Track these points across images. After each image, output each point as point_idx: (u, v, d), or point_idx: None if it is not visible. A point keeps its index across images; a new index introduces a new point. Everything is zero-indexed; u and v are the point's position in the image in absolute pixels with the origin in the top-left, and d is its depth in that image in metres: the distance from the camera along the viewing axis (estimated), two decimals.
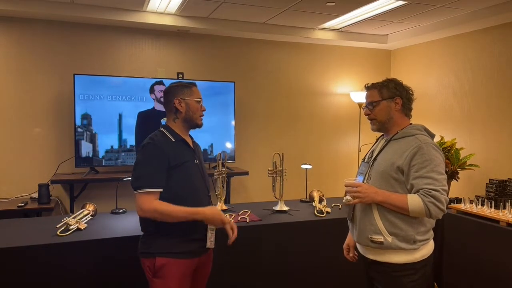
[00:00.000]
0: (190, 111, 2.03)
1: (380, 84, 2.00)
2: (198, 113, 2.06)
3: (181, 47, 4.67)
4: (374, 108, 1.98)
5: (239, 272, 2.67)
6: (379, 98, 1.96)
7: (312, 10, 4.07)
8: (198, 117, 2.06)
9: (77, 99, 4.04)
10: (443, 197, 1.77)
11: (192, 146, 2.10)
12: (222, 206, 3.01)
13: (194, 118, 2.05)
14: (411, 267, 1.85)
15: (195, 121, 2.06)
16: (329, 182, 5.28)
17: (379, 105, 1.96)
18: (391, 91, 1.95)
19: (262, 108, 5.05)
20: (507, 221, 2.83)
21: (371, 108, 1.99)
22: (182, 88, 2.06)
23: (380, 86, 1.99)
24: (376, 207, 1.87)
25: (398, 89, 1.96)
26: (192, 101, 2.04)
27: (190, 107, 2.03)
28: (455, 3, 3.75)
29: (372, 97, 2.00)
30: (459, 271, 3.16)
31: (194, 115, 2.05)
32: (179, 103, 2.02)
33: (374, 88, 2.00)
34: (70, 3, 3.89)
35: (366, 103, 2.04)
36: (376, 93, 1.98)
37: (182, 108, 2.02)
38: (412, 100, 2.01)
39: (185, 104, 2.02)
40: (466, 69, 4.49)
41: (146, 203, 1.83)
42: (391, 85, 1.97)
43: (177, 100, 2.03)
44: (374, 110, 1.98)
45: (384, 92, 1.96)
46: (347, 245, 2.21)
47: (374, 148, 2.07)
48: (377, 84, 2.01)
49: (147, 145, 1.95)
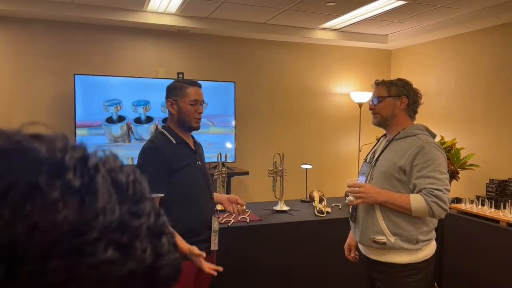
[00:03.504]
0: (182, 114, 1.95)
1: (390, 82, 2.02)
2: (192, 115, 1.96)
3: (181, 47, 4.67)
4: (379, 103, 1.99)
5: (239, 272, 2.67)
6: (386, 94, 1.98)
7: (312, 10, 4.07)
8: (192, 120, 1.96)
9: (77, 99, 4.04)
10: (445, 197, 1.77)
11: (194, 147, 2.06)
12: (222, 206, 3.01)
13: (187, 121, 1.96)
14: (413, 267, 1.86)
15: (188, 123, 1.97)
16: (329, 182, 5.28)
17: (385, 101, 1.97)
18: (399, 90, 1.97)
19: (262, 108, 5.05)
20: (508, 221, 2.83)
21: (376, 102, 2.00)
22: (175, 89, 1.98)
23: (389, 83, 2.01)
24: (379, 208, 1.87)
25: (406, 89, 1.98)
26: (184, 104, 1.94)
27: (182, 110, 1.95)
28: (455, 3, 3.75)
29: (379, 93, 2.01)
30: (459, 271, 3.16)
31: (187, 118, 1.95)
32: (171, 105, 1.96)
33: (383, 85, 2.02)
34: (70, 3, 3.89)
35: (372, 98, 2.05)
36: (384, 89, 2.00)
37: (173, 110, 1.96)
38: (419, 104, 2.02)
39: (176, 106, 1.95)
40: (467, 69, 4.48)
41: None
42: (400, 84, 1.99)
43: (169, 102, 1.97)
44: (379, 105, 1.99)
45: (392, 89, 1.98)
46: (348, 245, 2.21)
47: (376, 149, 2.07)
48: (387, 81, 2.03)
49: (147, 148, 1.91)
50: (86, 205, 0.30)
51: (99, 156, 0.34)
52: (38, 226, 0.28)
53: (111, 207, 0.31)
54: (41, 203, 0.29)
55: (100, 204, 0.31)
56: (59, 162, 0.31)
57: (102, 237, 0.30)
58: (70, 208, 0.30)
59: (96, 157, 0.34)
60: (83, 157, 0.32)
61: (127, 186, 0.34)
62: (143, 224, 0.33)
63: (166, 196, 1.88)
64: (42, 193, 0.29)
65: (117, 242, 0.31)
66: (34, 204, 0.29)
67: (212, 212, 2.07)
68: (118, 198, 0.32)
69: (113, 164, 0.34)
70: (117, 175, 0.34)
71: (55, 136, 0.34)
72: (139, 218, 0.33)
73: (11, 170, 0.29)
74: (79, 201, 0.30)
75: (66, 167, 0.31)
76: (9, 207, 0.28)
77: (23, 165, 0.30)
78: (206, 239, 1.99)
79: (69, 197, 0.30)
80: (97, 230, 0.30)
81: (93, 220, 0.30)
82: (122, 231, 0.31)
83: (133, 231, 0.32)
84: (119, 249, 0.31)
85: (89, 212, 0.30)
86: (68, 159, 0.31)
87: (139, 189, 0.35)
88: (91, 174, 0.32)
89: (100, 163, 0.33)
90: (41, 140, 0.33)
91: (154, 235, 0.34)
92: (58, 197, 0.29)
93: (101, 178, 0.32)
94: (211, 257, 2.09)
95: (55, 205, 0.29)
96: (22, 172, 0.30)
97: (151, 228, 0.34)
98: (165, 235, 0.35)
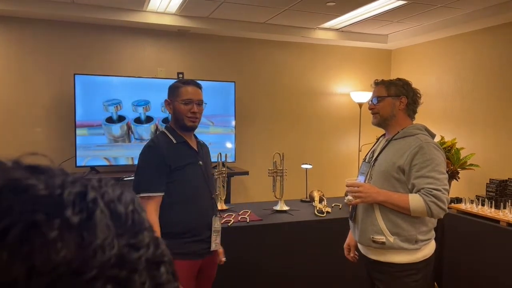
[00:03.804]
0: (176, 113, 1.99)
1: (389, 82, 2.01)
2: (184, 114, 1.98)
3: (181, 47, 4.67)
4: (378, 103, 1.99)
5: (239, 272, 2.67)
6: (385, 94, 1.98)
7: (313, 10, 4.07)
8: (184, 118, 1.98)
9: (77, 99, 4.04)
10: (444, 197, 1.77)
11: (197, 147, 2.06)
12: (222, 206, 3.01)
13: (181, 120, 1.98)
14: (413, 267, 1.86)
15: (182, 122, 1.99)
16: (330, 182, 5.28)
17: (384, 101, 1.97)
18: (398, 90, 1.97)
19: (262, 108, 5.05)
20: (508, 221, 2.83)
21: (376, 102, 2.00)
22: (171, 89, 2.03)
23: (389, 83, 2.01)
24: (378, 207, 1.87)
25: (406, 89, 1.97)
26: (177, 103, 1.98)
27: (176, 109, 1.99)
28: (455, 3, 3.75)
29: (378, 92, 2.01)
30: (459, 271, 3.16)
31: (180, 117, 1.98)
32: (168, 104, 2.02)
33: (383, 84, 2.02)
34: (71, 3, 3.89)
35: (372, 97, 2.05)
36: (384, 89, 1.99)
37: (170, 110, 2.02)
38: (418, 103, 2.01)
39: (172, 106, 2.00)
40: (467, 69, 4.48)
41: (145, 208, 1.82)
42: (400, 84, 1.99)
43: (166, 102, 2.03)
44: (378, 105, 1.99)
45: (392, 89, 1.98)
46: (347, 245, 2.21)
47: (375, 148, 2.07)
48: (386, 81, 2.03)
49: (147, 148, 1.94)
50: (85, 242, 0.30)
51: (97, 187, 0.34)
52: (37, 268, 0.28)
53: (109, 242, 0.31)
54: (39, 243, 0.28)
55: (99, 240, 0.30)
56: (58, 199, 0.31)
57: (101, 275, 0.30)
58: (69, 247, 0.29)
59: (95, 189, 0.33)
60: (81, 192, 0.32)
61: (126, 218, 0.33)
62: (142, 256, 0.32)
63: (166, 195, 1.88)
64: (40, 233, 0.29)
65: (115, 278, 0.30)
66: (33, 245, 0.28)
67: (212, 212, 2.06)
68: (117, 231, 0.32)
69: (112, 194, 0.34)
70: (116, 206, 0.33)
71: (53, 170, 0.34)
72: (138, 250, 0.32)
73: (9, 210, 0.29)
74: (77, 238, 0.30)
75: (65, 204, 0.30)
76: (7, 249, 0.28)
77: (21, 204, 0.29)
78: (206, 239, 1.99)
79: (68, 235, 0.29)
80: (95, 268, 0.29)
81: (91, 258, 0.29)
82: (120, 266, 0.31)
83: (132, 265, 0.31)
84: (118, 285, 0.30)
85: (88, 250, 0.30)
86: (66, 195, 0.31)
87: (138, 219, 0.34)
88: (90, 208, 0.31)
89: (99, 196, 0.33)
90: (39, 175, 0.32)
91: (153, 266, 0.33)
92: (57, 237, 0.29)
93: (99, 212, 0.31)
94: (213, 257, 2.08)
95: (54, 245, 0.28)
96: (21, 211, 0.29)
97: (150, 259, 0.33)
98: (163, 264, 0.35)
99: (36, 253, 0.28)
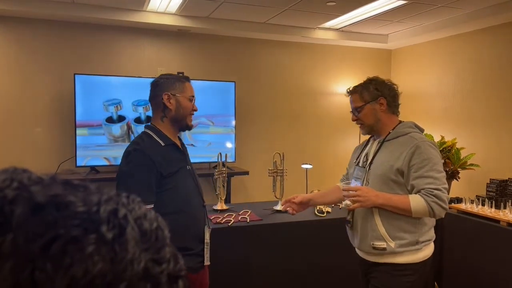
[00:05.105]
0: (180, 109, 1.78)
1: (360, 88, 1.94)
2: (189, 112, 1.81)
3: (181, 47, 4.67)
4: (359, 113, 1.93)
5: (239, 272, 2.67)
6: (362, 103, 1.91)
7: (313, 10, 4.07)
8: (188, 117, 1.81)
9: (77, 99, 4.04)
10: (445, 196, 1.76)
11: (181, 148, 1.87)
12: (222, 206, 3.01)
13: (183, 117, 1.80)
14: (411, 267, 1.85)
15: (185, 121, 1.81)
16: (329, 182, 5.27)
17: (364, 109, 1.91)
18: (373, 93, 1.90)
19: (262, 108, 5.05)
20: (508, 221, 2.83)
21: (357, 114, 1.94)
22: (173, 82, 1.80)
23: (361, 89, 1.93)
24: (378, 212, 1.83)
25: (380, 89, 1.91)
26: (183, 98, 1.79)
27: (181, 105, 1.78)
28: (455, 3, 3.75)
29: (355, 102, 1.94)
30: (459, 271, 3.16)
31: (184, 114, 1.79)
32: (168, 99, 1.77)
33: (355, 93, 1.95)
34: (71, 3, 3.89)
35: (351, 109, 1.99)
36: (358, 97, 1.93)
37: (171, 105, 1.77)
38: (398, 96, 1.94)
39: (175, 101, 1.77)
40: (467, 69, 4.48)
41: None
42: (371, 86, 1.91)
43: (166, 96, 1.78)
44: (360, 115, 1.93)
45: (365, 95, 1.91)
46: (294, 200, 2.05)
47: (368, 151, 2.00)
48: (358, 88, 1.95)
49: (133, 152, 1.68)
50: (118, 256, 0.32)
51: (126, 203, 0.36)
52: (77, 279, 0.30)
53: (137, 257, 0.33)
54: (79, 256, 0.30)
55: (130, 255, 0.32)
56: (94, 216, 0.33)
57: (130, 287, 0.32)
58: (104, 260, 0.31)
59: (125, 206, 0.36)
60: (114, 209, 0.34)
61: (151, 234, 0.36)
62: (164, 270, 0.35)
63: (155, 206, 1.62)
64: (80, 247, 0.31)
65: None
66: (73, 257, 0.30)
67: (204, 222, 1.86)
68: (143, 247, 0.34)
69: (139, 212, 0.36)
70: (142, 223, 0.35)
71: (90, 188, 0.36)
72: (161, 265, 0.35)
73: (53, 224, 0.31)
74: (111, 253, 0.32)
75: (100, 221, 0.33)
76: (51, 260, 0.30)
77: (63, 220, 0.32)
78: (199, 252, 1.80)
79: (103, 249, 0.32)
80: (126, 281, 0.32)
81: (123, 272, 0.32)
82: (146, 279, 0.33)
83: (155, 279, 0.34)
84: None
85: (120, 264, 0.32)
86: (102, 212, 0.33)
87: (161, 235, 0.37)
88: (122, 225, 0.34)
89: (129, 213, 0.35)
90: (76, 192, 0.35)
91: (173, 280, 0.36)
92: (94, 251, 0.31)
93: (130, 229, 0.34)
94: (204, 272, 1.87)
95: (91, 258, 0.31)
96: (62, 226, 0.31)
97: (171, 274, 0.35)
98: (181, 278, 0.37)
99: (76, 265, 0.30)
